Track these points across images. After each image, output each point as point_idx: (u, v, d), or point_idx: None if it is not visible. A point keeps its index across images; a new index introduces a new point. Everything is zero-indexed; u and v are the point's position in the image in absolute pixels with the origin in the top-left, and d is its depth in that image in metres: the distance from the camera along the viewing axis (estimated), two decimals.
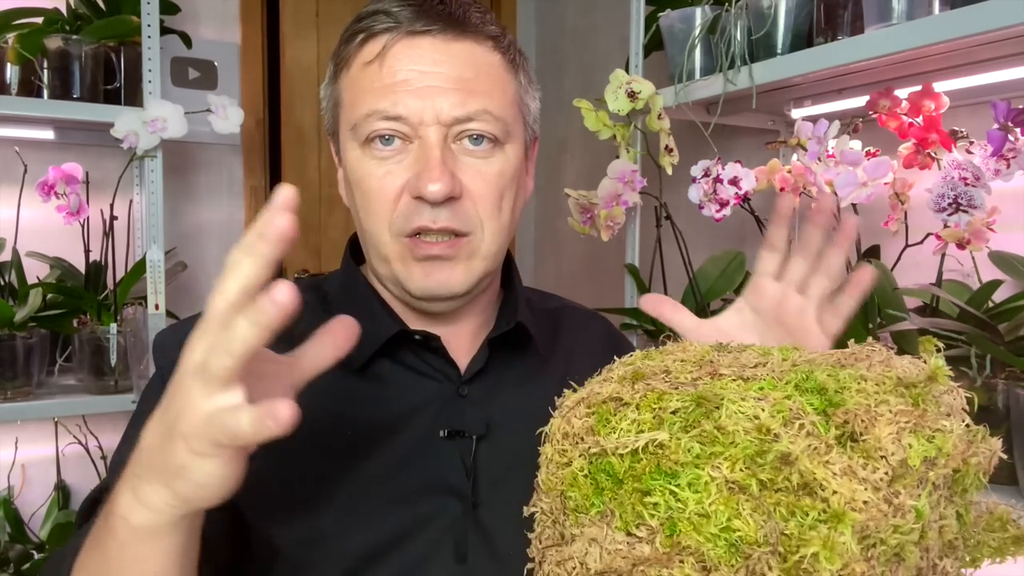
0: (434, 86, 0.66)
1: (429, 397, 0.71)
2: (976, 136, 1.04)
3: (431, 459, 0.69)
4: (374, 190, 0.68)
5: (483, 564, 0.67)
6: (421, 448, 0.69)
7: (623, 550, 0.36)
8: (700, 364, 0.42)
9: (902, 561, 0.34)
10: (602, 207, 1.32)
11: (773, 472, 0.34)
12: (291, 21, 2.21)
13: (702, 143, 1.30)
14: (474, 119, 0.66)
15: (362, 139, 0.67)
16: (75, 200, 1.45)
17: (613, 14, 2.11)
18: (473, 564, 0.67)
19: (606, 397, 0.40)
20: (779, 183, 1.21)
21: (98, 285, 1.56)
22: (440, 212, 0.66)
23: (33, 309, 1.40)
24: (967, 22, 0.88)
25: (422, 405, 0.71)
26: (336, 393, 0.68)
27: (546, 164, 2.48)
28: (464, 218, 0.67)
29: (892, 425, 0.35)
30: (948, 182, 0.96)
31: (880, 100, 1.09)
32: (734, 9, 1.21)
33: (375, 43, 0.67)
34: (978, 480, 0.38)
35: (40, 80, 1.50)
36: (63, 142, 1.72)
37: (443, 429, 0.69)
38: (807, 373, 0.38)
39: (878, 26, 1.00)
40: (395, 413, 0.70)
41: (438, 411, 0.70)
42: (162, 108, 1.47)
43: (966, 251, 1.00)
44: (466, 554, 0.67)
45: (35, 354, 1.44)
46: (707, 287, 1.31)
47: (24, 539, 1.58)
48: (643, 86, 1.27)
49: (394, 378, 0.72)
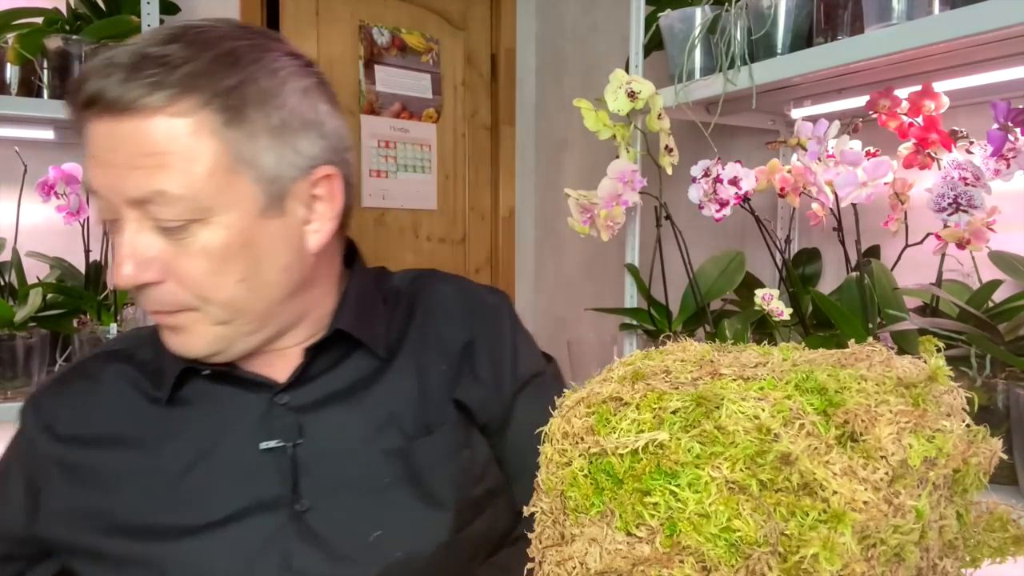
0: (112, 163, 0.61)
1: (242, 413, 0.71)
2: (976, 136, 1.04)
3: (250, 474, 0.69)
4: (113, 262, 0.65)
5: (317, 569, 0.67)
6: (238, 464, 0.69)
7: (623, 550, 0.36)
8: (700, 364, 0.42)
9: (902, 561, 0.34)
10: (602, 207, 1.32)
11: (773, 472, 0.34)
12: (291, 21, 2.21)
13: (702, 143, 1.30)
14: (151, 202, 0.61)
15: None
16: (75, 200, 1.45)
17: (613, 14, 2.11)
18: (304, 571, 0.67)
19: (606, 397, 0.40)
20: (779, 183, 1.21)
21: (98, 285, 1.56)
22: (148, 296, 0.64)
23: (33, 309, 1.40)
24: (967, 22, 0.87)
25: (235, 421, 0.70)
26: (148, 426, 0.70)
27: (546, 164, 2.48)
28: (172, 300, 0.64)
29: (892, 425, 0.35)
30: (948, 182, 0.96)
31: (880, 100, 1.09)
32: (734, 9, 1.21)
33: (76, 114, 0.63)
34: (978, 480, 0.38)
35: (40, 80, 1.50)
36: (63, 142, 1.71)
37: (260, 442, 0.69)
38: (807, 373, 0.38)
39: (878, 26, 1.00)
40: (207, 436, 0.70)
41: (253, 425, 0.70)
42: None
43: (966, 251, 1.00)
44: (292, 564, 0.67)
45: (35, 354, 1.44)
46: (707, 287, 1.31)
47: None
48: (643, 86, 1.27)
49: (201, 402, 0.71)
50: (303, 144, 0.66)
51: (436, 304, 0.80)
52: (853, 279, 1.03)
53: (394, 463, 0.71)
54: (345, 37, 2.28)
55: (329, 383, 0.73)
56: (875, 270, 1.03)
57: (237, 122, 0.62)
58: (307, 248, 0.69)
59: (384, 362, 0.75)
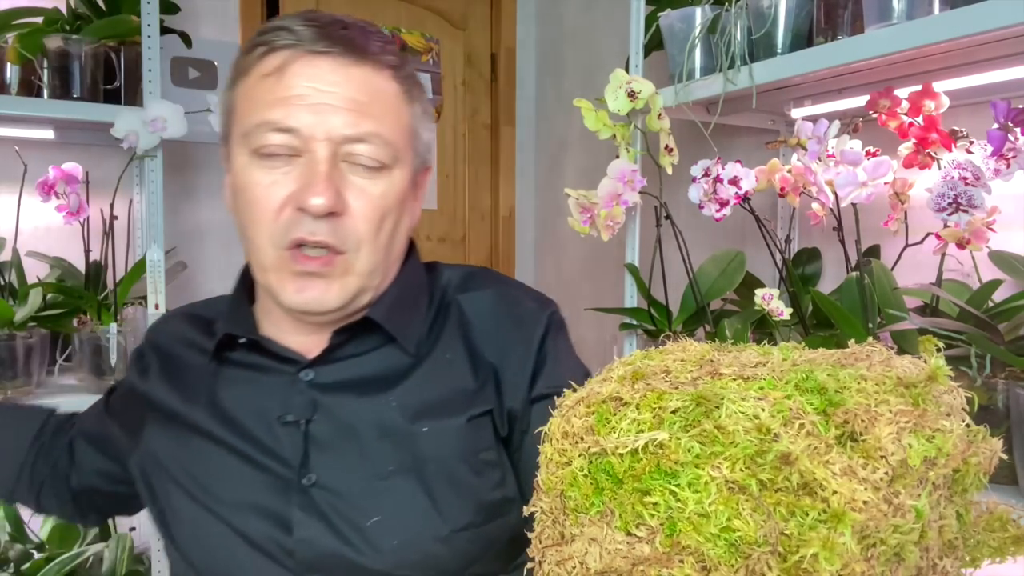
0: (328, 104, 0.68)
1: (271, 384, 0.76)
2: (976, 136, 1.04)
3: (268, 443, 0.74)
4: (259, 199, 0.70)
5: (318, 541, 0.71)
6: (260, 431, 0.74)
7: (623, 550, 0.36)
8: (700, 364, 0.42)
9: (902, 561, 0.34)
10: (602, 207, 1.32)
11: (773, 472, 0.34)
12: None
13: (702, 143, 1.30)
14: (365, 141, 0.69)
15: (252, 147, 0.69)
16: (75, 200, 1.45)
17: (613, 14, 2.11)
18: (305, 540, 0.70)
19: (606, 396, 0.40)
20: (779, 183, 1.21)
21: (98, 285, 1.56)
22: (320, 226, 0.68)
23: (33, 309, 1.40)
24: (967, 22, 0.87)
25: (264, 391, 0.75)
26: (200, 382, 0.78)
27: (546, 164, 2.48)
28: (343, 235, 0.69)
29: (892, 425, 0.35)
30: (948, 182, 0.95)
31: (880, 100, 1.09)
32: (734, 9, 1.21)
33: (275, 57, 0.69)
34: (978, 480, 0.38)
35: (40, 80, 1.50)
36: (63, 142, 1.71)
37: (280, 415, 0.74)
38: (807, 373, 0.38)
39: (878, 26, 1.00)
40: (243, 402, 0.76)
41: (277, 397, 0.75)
42: (162, 108, 1.47)
43: (966, 251, 1.00)
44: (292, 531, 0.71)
45: (35, 354, 1.44)
46: (707, 287, 1.31)
47: (24, 539, 1.58)
48: (643, 86, 1.27)
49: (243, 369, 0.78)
50: (427, 136, 0.78)
51: (475, 311, 0.80)
52: (853, 279, 1.03)
53: (401, 454, 0.72)
54: None
55: (354, 368, 0.75)
56: (875, 270, 1.03)
57: (411, 100, 0.74)
58: (411, 226, 0.78)
59: (414, 360, 0.76)
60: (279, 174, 0.69)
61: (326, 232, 0.68)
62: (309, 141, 0.68)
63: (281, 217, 0.69)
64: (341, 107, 0.68)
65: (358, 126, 0.68)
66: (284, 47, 0.69)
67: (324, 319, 0.74)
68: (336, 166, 0.69)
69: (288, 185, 0.69)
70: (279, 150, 0.69)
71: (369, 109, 0.69)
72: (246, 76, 0.71)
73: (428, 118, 0.77)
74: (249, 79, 0.71)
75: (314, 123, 0.67)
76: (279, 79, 0.68)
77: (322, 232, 0.68)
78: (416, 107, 0.75)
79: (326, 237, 0.69)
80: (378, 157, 0.70)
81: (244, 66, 0.72)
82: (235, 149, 0.72)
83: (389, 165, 0.71)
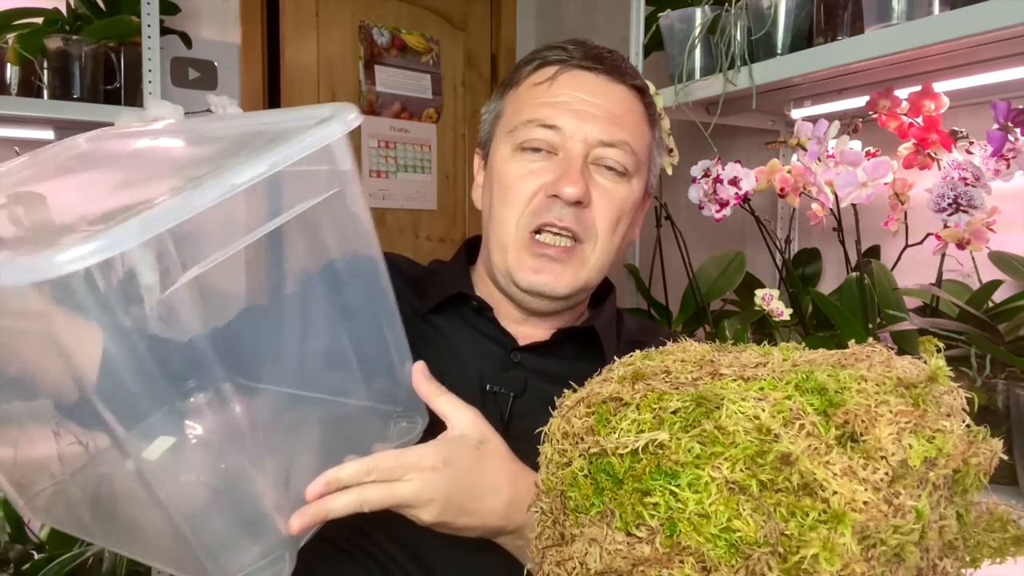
0: (589, 112, 0.77)
1: (479, 355, 0.81)
2: (976, 136, 1.03)
3: None
4: (514, 183, 0.78)
5: None
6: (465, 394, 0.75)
7: (623, 550, 0.36)
8: (700, 364, 0.42)
9: (902, 561, 0.34)
10: None
11: (773, 472, 0.34)
12: (291, 21, 2.21)
13: (702, 143, 1.30)
14: (615, 146, 0.78)
15: (517, 142, 0.79)
16: None
17: (613, 14, 2.11)
18: None
19: (606, 397, 0.40)
20: (779, 183, 1.21)
21: None
22: (567, 212, 0.76)
23: None
24: (967, 22, 0.87)
25: (473, 360, 0.80)
26: None
27: None
28: (585, 224, 0.77)
29: (892, 425, 0.35)
30: (948, 182, 0.95)
31: (880, 100, 1.09)
32: (734, 9, 1.21)
33: (548, 69, 0.80)
34: (978, 480, 0.38)
35: (40, 80, 1.50)
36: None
37: (488, 384, 0.78)
38: (807, 373, 0.38)
39: (878, 26, 1.00)
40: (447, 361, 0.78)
41: (485, 369, 0.79)
42: (162, 108, 1.47)
43: (966, 251, 1.00)
44: None
45: None
46: (707, 287, 1.31)
47: (24, 539, 1.58)
48: None
49: (451, 331, 0.83)
50: (658, 162, 0.86)
51: None
52: (853, 279, 1.03)
53: None
54: (345, 37, 2.28)
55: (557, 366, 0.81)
56: (875, 270, 1.03)
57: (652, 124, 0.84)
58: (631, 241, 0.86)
59: None
60: (536, 166, 0.78)
61: (572, 219, 0.76)
62: (568, 140, 0.77)
63: (533, 202, 0.77)
64: (600, 116, 0.77)
65: (612, 133, 0.77)
66: (556, 61, 0.80)
67: (545, 306, 0.80)
68: (587, 165, 0.77)
69: (543, 175, 0.77)
70: (540, 144, 0.78)
71: (622, 121, 0.79)
72: (516, 86, 0.83)
73: (661, 148, 0.87)
74: (520, 88, 0.82)
75: (575, 126, 0.77)
76: (549, 86, 0.79)
77: (568, 218, 0.76)
78: (656, 131, 0.85)
79: (571, 224, 0.76)
80: (623, 163, 0.78)
81: (516, 78, 0.83)
82: (498, 146, 0.82)
83: (630, 173, 0.79)
